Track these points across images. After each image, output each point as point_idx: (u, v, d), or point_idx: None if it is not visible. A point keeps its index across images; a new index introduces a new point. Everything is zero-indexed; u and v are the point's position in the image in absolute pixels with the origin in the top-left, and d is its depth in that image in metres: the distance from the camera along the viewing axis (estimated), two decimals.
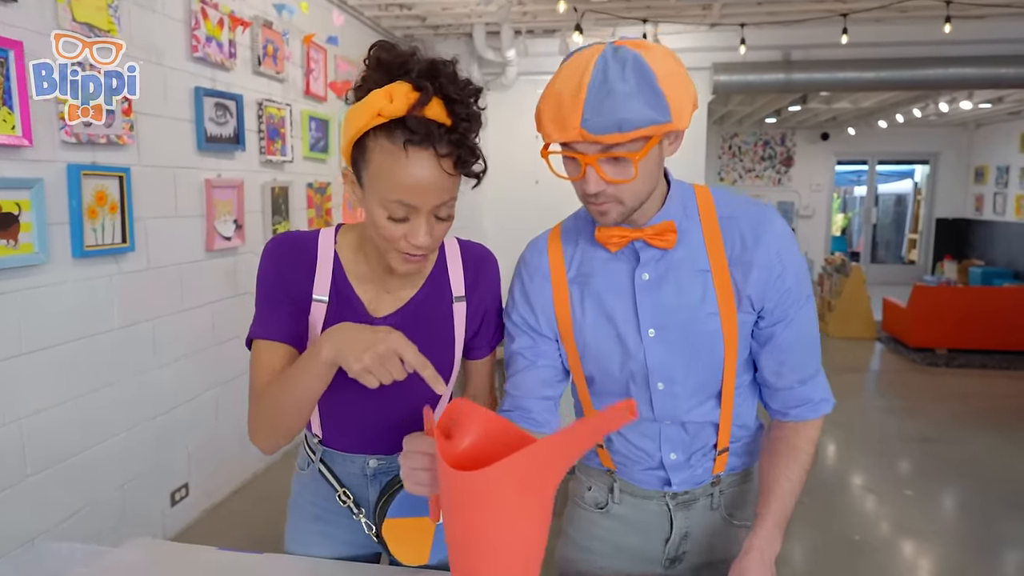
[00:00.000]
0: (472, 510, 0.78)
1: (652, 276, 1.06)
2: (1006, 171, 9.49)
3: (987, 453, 4.08)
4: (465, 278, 1.16)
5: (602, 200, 0.98)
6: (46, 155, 2.32)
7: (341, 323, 0.98)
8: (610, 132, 0.90)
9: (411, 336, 1.03)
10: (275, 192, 3.78)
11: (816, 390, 1.12)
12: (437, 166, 0.94)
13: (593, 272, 1.09)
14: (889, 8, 4.71)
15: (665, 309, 1.06)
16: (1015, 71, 5.26)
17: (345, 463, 1.21)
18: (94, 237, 2.53)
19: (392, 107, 0.91)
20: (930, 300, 6.45)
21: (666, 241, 1.03)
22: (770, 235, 1.04)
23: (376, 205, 0.98)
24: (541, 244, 1.16)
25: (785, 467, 1.09)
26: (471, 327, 1.17)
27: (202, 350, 3.21)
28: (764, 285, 1.04)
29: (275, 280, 1.09)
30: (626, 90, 0.89)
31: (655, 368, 1.08)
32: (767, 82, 5.58)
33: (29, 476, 2.32)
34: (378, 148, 0.94)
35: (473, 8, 4.87)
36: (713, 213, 1.07)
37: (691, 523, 1.19)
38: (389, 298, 1.13)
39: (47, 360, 2.37)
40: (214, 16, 3.17)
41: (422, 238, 0.98)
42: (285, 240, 1.11)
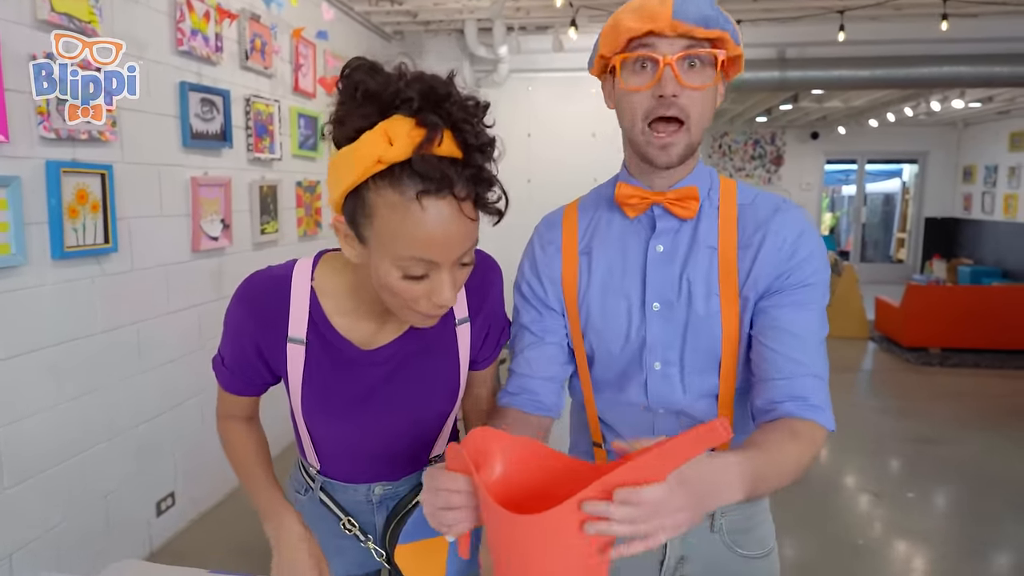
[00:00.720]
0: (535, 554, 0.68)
1: (666, 248, 1.03)
2: (994, 170, 9.53)
3: (987, 454, 4.05)
4: (468, 299, 1.05)
5: (671, 117, 0.95)
6: (24, 151, 2.21)
7: (290, 544, 1.01)
8: (699, 25, 0.92)
9: (412, 367, 1.00)
10: (263, 191, 3.67)
11: (813, 392, 0.96)
12: (459, 213, 0.80)
13: (607, 240, 1.06)
14: (884, 6, 4.67)
15: (673, 284, 1.02)
16: (1009, 69, 5.24)
17: (347, 492, 1.13)
18: (75, 237, 2.42)
19: (394, 151, 0.76)
20: (923, 300, 6.44)
21: (687, 209, 1.00)
22: (782, 219, 1.00)
23: (388, 266, 0.83)
24: (557, 216, 1.14)
25: (779, 442, 0.88)
26: (476, 345, 1.08)
27: (188, 354, 3.11)
28: (768, 266, 0.98)
29: (242, 330, 1.00)
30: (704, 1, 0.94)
31: (653, 345, 1.03)
32: (762, 80, 5.54)
33: (7, 488, 2.20)
34: (383, 202, 0.80)
35: (465, 3, 4.78)
36: (733, 198, 1.04)
37: (688, 547, 1.10)
38: (385, 330, 1.01)
39: (26, 366, 2.26)
40: (200, 8, 3.06)
41: (447, 295, 0.84)
42: (257, 283, 0.99)
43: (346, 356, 1.00)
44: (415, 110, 0.78)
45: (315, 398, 1.01)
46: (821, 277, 1.00)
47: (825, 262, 1.01)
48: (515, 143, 6.13)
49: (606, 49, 0.98)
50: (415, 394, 1.04)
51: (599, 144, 5.86)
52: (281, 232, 3.88)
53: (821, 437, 0.94)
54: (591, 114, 5.87)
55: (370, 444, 1.08)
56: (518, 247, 1.37)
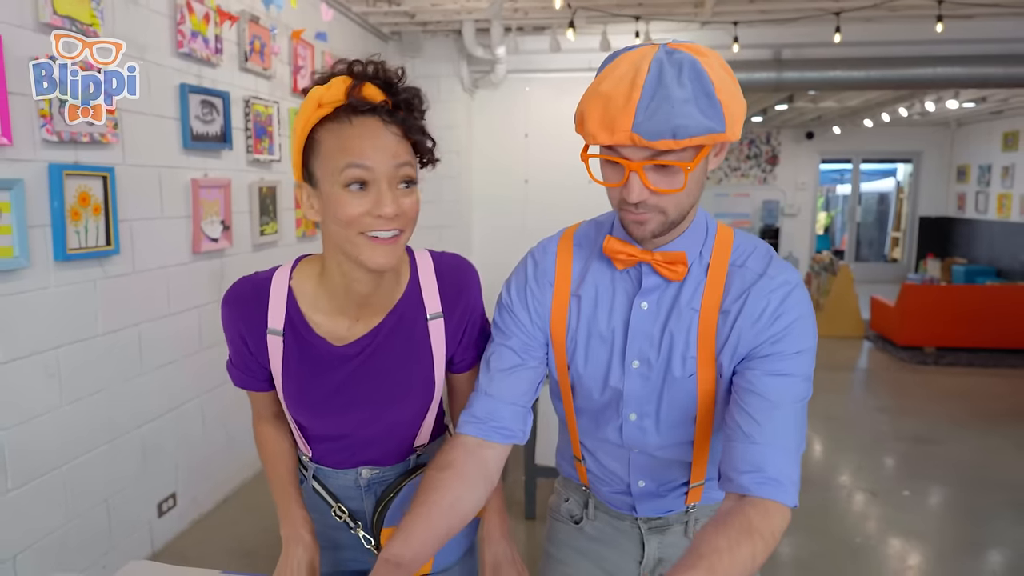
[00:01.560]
0: None
1: (650, 307, 1.01)
2: (988, 170, 9.59)
3: (982, 453, 4.08)
4: (441, 294, 1.08)
5: (642, 210, 0.92)
6: (27, 154, 2.22)
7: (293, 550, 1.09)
8: (663, 138, 0.84)
9: (383, 361, 1.04)
10: (263, 192, 3.68)
11: (774, 466, 0.90)
12: (383, 127, 0.93)
13: (596, 288, 1.05)
14: (880, 7, 4.70)
15: (653, 343, 1.01)
16: (1003, 70, 5.28)
17: (338, 477, 1.17)
18: (77, 240, 2.43)
19: (331, 93, 0.92)
20: (918, 299, 6.48)
21: (674, 272, 0.97)
22: (765, 286, 0.96)
23: (331, 187, 0.93)
24: (552, 248, 1.11)
25: (734, 542, 0.85)
26: (452, 343, 1.10)
27: (189, 356, 3.11)
28: (745, 334, 0.96)
29: (231, 328, 1.09)
30: (683, 96, 0.83)
31: (629, 399, 1.04)
32: (758, 80, 5.56)
33: (10, 490, 2.21)
34: (326, 133, 0.94)
35: (463, 4, 4.79)
36: (726, 258, 1.00)
37: (665, 550, 1.15)
38: (358, 326, 1.06)
39: (28, 369, 2.27)
40: (199, 10, 3.07)
41: (388, 206, 0.92)
42: (239, 285, 1.09)
43: (319, 350, 1.06)
44: (347, 72, 0.95)
45: (294, 389, 1.08)
46: (805, 344, 0.96)
47: (810, 327, 0.97)
48: (512, 144, 6.14)
49: (577, 130, 0.95)
50: (388, 387, 1.08)
51: None
52: (280, 233, 3.88)
53: (780, 522, 0.90)
54: None
55: (351, 433, 1.12)
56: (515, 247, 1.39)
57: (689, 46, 0.89)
